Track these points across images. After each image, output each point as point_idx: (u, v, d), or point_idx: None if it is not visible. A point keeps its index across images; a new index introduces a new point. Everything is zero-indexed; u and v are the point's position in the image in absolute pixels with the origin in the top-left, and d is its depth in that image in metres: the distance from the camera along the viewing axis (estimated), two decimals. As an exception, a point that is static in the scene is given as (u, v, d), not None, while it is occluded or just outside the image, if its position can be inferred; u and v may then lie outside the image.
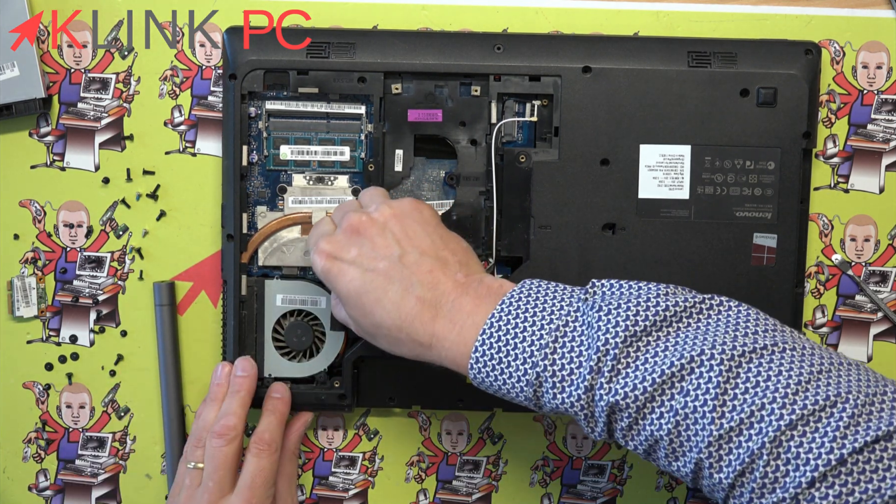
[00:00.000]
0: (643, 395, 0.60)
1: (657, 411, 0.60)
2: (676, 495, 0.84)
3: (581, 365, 0.62)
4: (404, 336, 0.67)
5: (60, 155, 0.82)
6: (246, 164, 0.79)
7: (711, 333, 0.61)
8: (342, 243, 0.69)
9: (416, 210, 0.71)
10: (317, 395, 0.80)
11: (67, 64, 0.81)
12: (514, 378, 0.63)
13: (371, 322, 0.68)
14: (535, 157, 0.78)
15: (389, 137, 0.79)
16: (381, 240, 0.69)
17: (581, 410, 0.62)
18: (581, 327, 0.63)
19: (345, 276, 0.68)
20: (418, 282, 0.67)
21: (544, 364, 0.62)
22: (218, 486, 0.74)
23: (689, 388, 0.59)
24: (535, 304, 0.65)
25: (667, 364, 0.60)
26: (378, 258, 0.68)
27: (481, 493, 0.84)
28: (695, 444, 0.59)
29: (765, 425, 0.57)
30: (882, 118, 0.81)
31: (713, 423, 0.58)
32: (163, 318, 0.82)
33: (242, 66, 0.77)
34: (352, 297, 0.68)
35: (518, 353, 0.63)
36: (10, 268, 0.82)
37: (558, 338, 0.63)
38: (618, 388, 0.60)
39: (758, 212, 0.78)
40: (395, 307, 0.67)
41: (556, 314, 0.64)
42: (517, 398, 0.64)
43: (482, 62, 0.77)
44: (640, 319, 0.62)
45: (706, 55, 0.77)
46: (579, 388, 0.61)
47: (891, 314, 0.81)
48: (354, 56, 0.77)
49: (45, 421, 0.84)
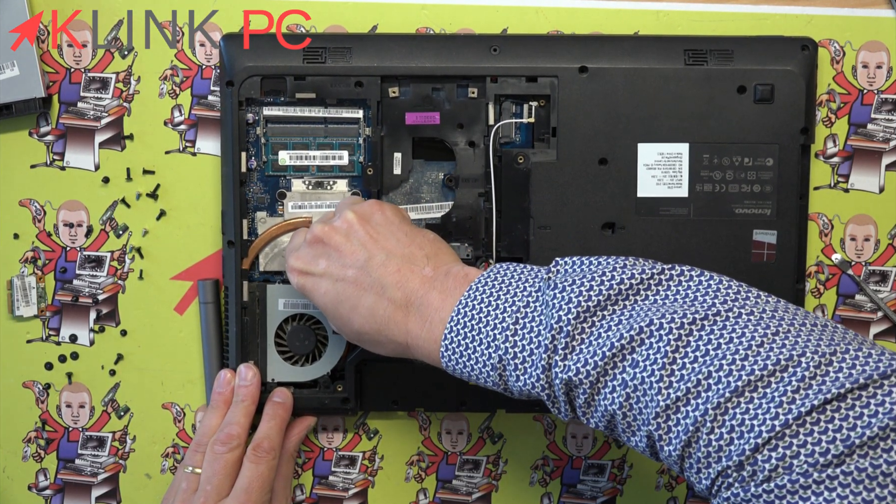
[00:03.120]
0: (594, 369, 0.59)
1: (609, 385, 0.59)
2: (676, 495, 0.84)
3: (539, 345, 0.61)
4: (384, 339, 0.68)
5: (60, 154, 0.82)
6: (245, 170, 0.79)
7: (668, 304, 0.60)
8: (309, 257, 0.70)
9: (379, 211, 0.72)
10: (320, 399, 0.80)
11: (67, 63, 0.81)
12: (481, 363, 0.64)
13: (352, 329, 0.69)
14: (533, 158, 0.78)
15: (387, 141, 0.79)
16: (347, 247, 0.69)
17: (543, 391, 0.61)
18: (540, 307, 0.63)
19: (318, 289, 0.70)
20: (388, 284, 0.68)
21: (505, 347, 0.63)
22: (215, 490, 0.75)
23: (638, 359, 0.58)
24: (500, 289, 0.65)
25: (616, 337, 0.59)
26: (346, 266, 0.69)
27: (481, 493, 0.84)
28: (645, 417, 0.58)
29: (711, 393, 0.55)
30: (882, 118, 0.81)
31: (660, 393, 0.57)
32: (207, 316, 0.82)
33: (240, 73, 0.78)
34: (329, 308, 0.70)
35: (482, 339, 0.64)
36: (10, 267, 0.83)
37: (518, 319, 0.63)
38: (570, 364, 0.60)
39: (757, 208, 0.78)
40: (370, 312, 0.68)
41: (519, 296, 0.64)
42: (487, 383, 0.65)
43: (479, 64, 0.77)
44: (593, 294, 0.61)
45: (702, 53, 0.77)
46: (538, 369, 0.61)
47: (891, 314, 0.81)
48: (351, 60, 0.77)
49: (44, 420, 0.84)
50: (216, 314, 0.81)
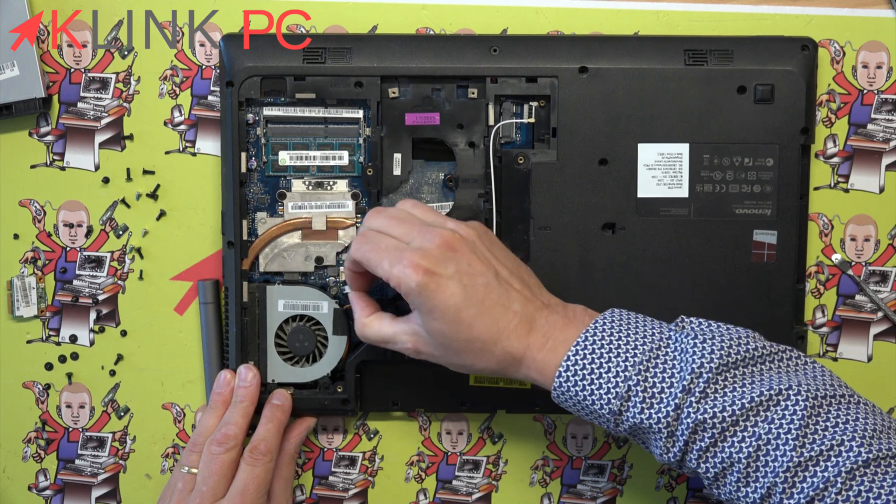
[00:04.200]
0: (730, 417, 0.64)
1: (739, 434, 0.64)
2: (676, 495, 0.84)
3: (673, 385, 0.65)
4: (498, 349, 0.69)
5: (60, 154, 0.82)
6: (245, 170, 0.79)
7: (796, 375, 0.66)
8: (439, 258, 0.68)
9: (491, 233, 0.75)
10: (320, 400, 0.80)
11: (67, 64, 0.81)
12: (604, 390, 0.66)
13: (467, 336, 0.68)
14: (533, 159, 0.78)
15: (387, 141, 0.79)
16: (474, 257, 0.69)
17: (665, 428, 0.65)
18: (674, 352, 0.66)
19: (445, 290, 0.68)
20: (514, 298, 0.69)
21: (637, 379, 0.66)
22: (211, 491, 0.75)
23: (774, 416, 0.63)
24: (627, 328, 0.68)
25: (756, 393, 0.64)
26: (476, 274, 0.69)
27: (481, 493, 0.84)
28: (771, 470, 0.63)
29: (843, 459, 0.61)
30: (882, 118, 0.81)
31: (794, 450, 0.62)
32: (207, 316, 0.82)
33: (239, 73, 0.78)
34: (450, 311, 0.68)
35: (611, 367, 0.66)
36: (10, 267, 0.83)
37: (651, 358, 0.66)
38: (706, 408, 0.64)
39: (757, 209, 0.78)
40: (495, 321, 0.68)
41: (649, 337, 0.68)
42: (599, 410, 0.67)
43: (478, 64, 0.77)
44: (732, 353, 0.65)
45: (702, 53, 0.77)
46: (668, 405, 0.65)
47: (891, 314, 0.81)
48: (351, 61, 0.77)
49: (44, 421, 0.84)
50: (216, 314, 0.81)
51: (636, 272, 0.78)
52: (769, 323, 0.78)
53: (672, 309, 0.77)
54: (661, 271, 0.78)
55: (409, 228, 0.71)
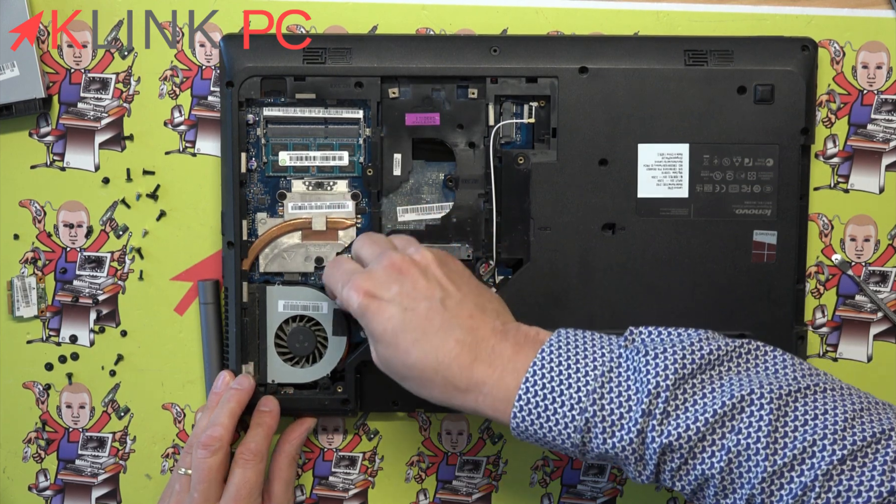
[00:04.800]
0: (696, 434, 0.61)
1: (708, 450, 0.61)
2: (676, 495, 0.84)
3: (631, 409, 0.63)
4: (439, 379, 0.66)
5: (60, 155, 0.82)
6: (245, 170, 0.79)
7: (756, 375, 0.63)
8: (381, 280, 0.68)
9: (454, 259, 0.73)
10: (320, 401, 0.80)
11: (67, 64, 0.81)
12: (561, 425, 0.64)
13: (404, 362, 0.67)
14: (533, 159, 0.78)
15: (388, 141, 0.79)
16: (423, 281, 0.68)
17: (632, 454, 0.63)
18: (626, 372, 0.64)
19: (383, 313, 0.67)
20: (458, 325, 0.67)
21: (593, 409, 0.63)
22: (203, 496, 0.74)
23: (740, 426, 0.61)
24: (577, 351, 0.66)
25: (718, 404, 0.61)
26: (419, 298, 0.67)
27: (481, 493, 0.84)
28: (747, 481, 0.61)
29: (817, 460, 0.59)
30: (882, 118, 0.81)
31: (767, 459, 0.60)
32: (207, 316, 0.82)
33: (239, 74, 0.78)
34: (387, 335, 0.67)
35: (565, 400, 0.64)
36: (10, 268, 0.83)
37: (604, 383, 0.64)
38: (670, 429, 0.62)
39: (757, 209, 0.78)
40: (434, 348, 0.66)
41: (599, 360, 0.65)
42: (562, 445, 0.64)
43: (478, 64, 0.77)
44: (686, 363, 0.63)
45: (702, 53, 0.77)
46: (630, 432, 0.62)
47: (891, 314, 0.81)
48: (351, 61, 0.77)
49: (45, 421, 0.84)
50: (216, 315, 0.81)
51: (636, 272, 0.78)
52: (769, 323, 0.78)
53: (672, 309, 0.77)
54: (661, 271, 0.78)
55: (374, 251, 0.71)
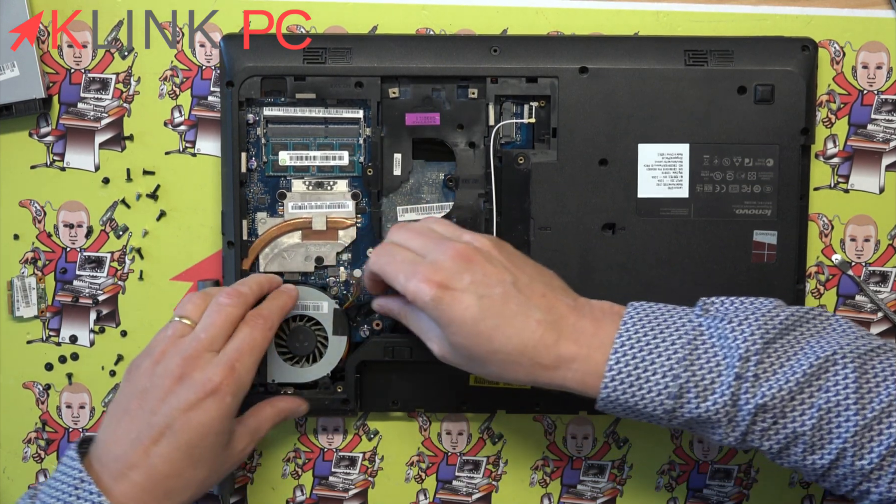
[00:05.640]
0: (787, 395, 0.64)
1: (799, 409, 0.64)
2: (676, 495, 0.84)
3: (721, 374, 0.65)
4: (525, 360, 0.67)
5: (60, 155, 0.82)
6: (245, 170, 0.79)
7: (829, 337, 0.67)
8: (452, 271, 0.67)
9: (506, 243, 0.73)
10: (320, 400, 0.80)
11: (67, 64, 0.81)
12: (654, 392, 0.66)
13: (488, 349, 0.67)
14: (533, 159, 0.78)
15: (388, 141, 0.79)
16: (490, 267, 0.68)
17: (724, 417, 0.65)
18: (711, 339, 0.66)
19: (460, 303, 0.66)
20: (535, 306, 0.67)
21: (686, 376, 0.65)
22: (209, 339, 0.71)
23: (828, 385, 0.64)
24: (658, 321, 0.68)
25: (805, 365, 0.65)
26: (492, 284, 0.67)
27: (481, 493, 0.84)
28: (837, 436, 0.64)
29: None
30: (882, 118, 0.81)
31: (857, 414, 0.64)
32: None
33: (239, 73, 0.78)
34: (467, 324, 0.66)
35: (656, 368, 0.66)
36: (10, 268, 0.83)
37: (692, 350, 0.66)
38: (763, 391, 0.64)
39: (757, 209, 0.78)
40: (517, 332, 0.66)
41: (683, 329, 0.67)
42: (651, 412, 0.66)
43: (479, 64, 0.77)
44: (769, 328, 0.66)
45: (703, 53, 0.77)
46: (724, 396, 0.65)
47: (891, 314, 0.81)
48: (351, 61, 0.77)
49: (45, 421, 0.84)
50: None
51: (636, 272, 0.78)
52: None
53: (672, 309, 0.77)
54: (661, 271, 0.78)
55: (426, 241, 0.70)
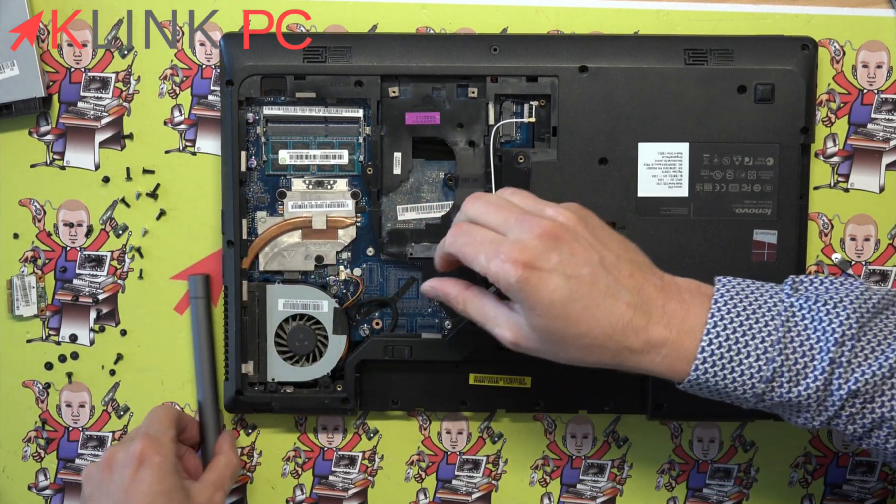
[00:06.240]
0: (879, 380, 0.63)
1: (888, 394, 0.64)
2: (676, 495, 0.84)
3: (815, 358, 0.64)
4: (613, 344, 0.64)
5: (60, 154, 0.82)
6: (245, 169, 0.79)
7: None
8: (538, 250, 0.64)
9: (593, 214, 0.69)
10: (320, 400, 0.80)
11: (67, 63, 0.81)
12: (746, 375, 0.64)
13: (575, 332, 0.64)
14: (533, 158, 0.78)
15: (388, 140, 0.79)
16: (577, 245, 0.65)
17: (815, 402, 0.64)
18: (804, 321, 0.65)
19: (547, 285, 0.63)
20: (623, 287, 0.65)
21: (780, 359, 0.64)
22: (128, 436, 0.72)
23: None
24: (749, 301, 0.66)
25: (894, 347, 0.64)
26: (580, 265, 0.64)
27: (481, 493, 0.84)
28: None
29: None
30: (882, 117, 0.81)
31: None
32: (198, 311, 0.81)
33: (239, 72, 0.78)
34: (555, 306, 0.63)
35: (750, 351, 0.64)
36: (10, 267, 0.83)
37: (785, 333, 0.65)
38: (857, 376, 0.63)
39: (757, 208, 0.78)
40: (606, 315, 0.64)
41: (775, 309, 0.66)
42: (741, 395, 0.65)
43: (479, 63, 0.77)
44: (863, 312, 0.65)
45: (703, 52, 0.77)
46: (817, 381, 0.64)
47: (891, 313, 0.81)
48: (351, 60, 0.77)
49: (44, 420, 0.84)
50: (206, 310, 0.81)
51: (636, 272, 0.78)
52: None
53: (672, 308, 0.77)
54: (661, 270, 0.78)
55: (507, 217, 0.67)
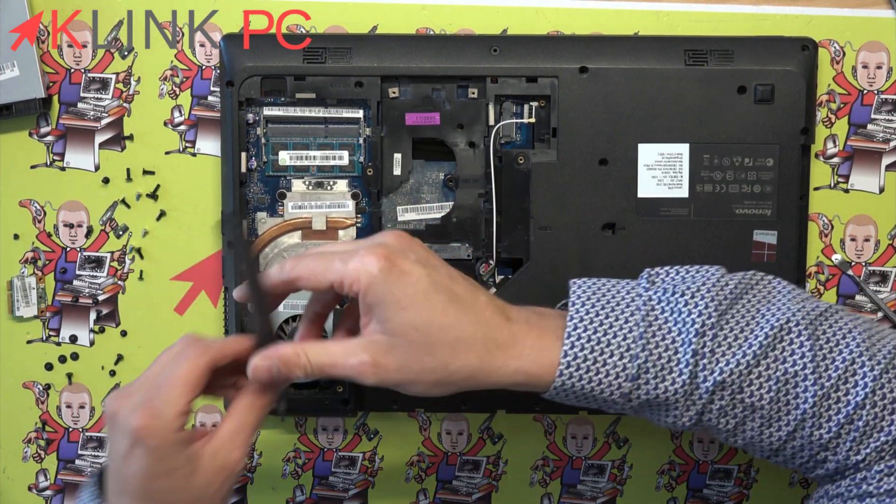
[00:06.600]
0: (745, 369, 0.62)
1: (756, 382, 0.62)
2: (676, 495, 0.84)
3: (678, 351, 0.62)
4: (480, 336, 0.62)
5: (60, 155, 0.82)
6: (245, 170, 0.79)
7: (780, 301, 0.65)
8: (396, 248, 0.63)
9: None
10: (320, 400, 0.80)
11: (67, 64, 0.81)
12: (612, 375, 0.62)
13: (441, 323, 0.62)
14: (533, 159, 0.78)
15: (388, 141, 0.79)
16: (429, 254, 0.64)
17: (682, 397, 0.62)
18: (664, 314, 0.63)
19: (411, 274, 0.61)
20: (479, 289, 0.64)
21: (644, 356, 0.62)
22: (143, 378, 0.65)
23: (784, 355, 0.63)
24: (607, 300, 0.64)
25: (761, 336, 0.63)
26: (436, 264, 0.63)
27: (481, 493, 0.84)
28: (795, 407, 0.62)
29: (859, 378, 0.62)
30: (882, 118, 0.81)
31: (815, 384, 0.62)
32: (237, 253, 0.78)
33: (239, 73, 0.78)
34: (418, 296, 0.61)
35: (613, 350, 0.62)
36: (10, 268, 0.83)
37: (647, 328, 0.63)
38: (721, 366, 0.62)
39: (757, 209, 0.78)
40: (469, 306, 0.62)
41: (633, 304, 0.64)
42: (608, 397, 0.63)
43: (479, 64, 0.77)
44: (720, 300, 0.64)
45: (703, 53, 0.77)
46: (682, 374, 0.62)
47: (891, 314, 0.81)
48: (351, 60, 0.77)
49: (44, 421, 0.84)
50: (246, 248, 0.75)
51: (636, 272, 0.77)
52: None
53: (672, 309, 0.77)
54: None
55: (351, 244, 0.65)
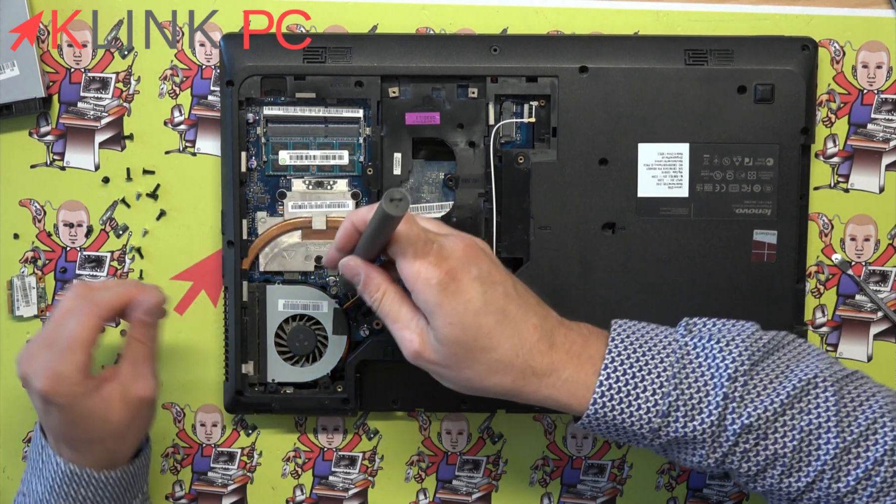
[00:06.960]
0: (772, 416, 0.65)
1: (781, 431, 0.65)
2: (676, 495, 0.84)
3: (709, 393, 0.65)
4: (519, 362, 0.66)
5: (60, 154, 0.82)
6: (245, 169, 0.79)
7: (810, 360, 0.68)
8: (462, 260, 0.65)
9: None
10: (320, 400, 0.80)
11: (67, 63, 0.81)
12: (643, 410, 0.66)
13: (484, 344, 0.65)
14: (533, 158, 0.78)
15: (388, 141, 0.79)
16: (493, 266, 0.67)
17: (709, 437, 0.65)
18: (698, 359, 0.66)
19: (465, 293, 0.64)
20: (532, 311, 0.67)
21: (675, 394, 0.65)
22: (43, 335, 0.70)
23: (809, 407, 0.65)
24: (645, 339, 0.68)
25: (789, 387, 0.65)
26: (496, 283, 0.66)
27: (481, 493, 0.84)
28: (816, 458, 0.65)
29: (880, 436, 0.64)
30: (882, 118, 0.81)
31: (837, 437, 0.65)
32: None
33: (239, 73, 0.78)
34: (468, 316, 0.64)
35: (647, 385, 0.66)
36: (10, 267, 0.83)
37: (681, 370, 0.66)
38: (749, 411, 0.65)
39: (757, 208, 0.78)
40: (516, 331, 0.65)
41: (670, 347, 0.67)
42: (638, 430, 0.66)
43: (479, 64, 0.77)
44: (754, 350, 0.66)
45: (703, 53, 0.77)
46: (711, 415, 0.65)
47: (891, 314, 0.81)
48: (351, 60, 0.77)
49: (45, 420, 0.84)
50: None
51: (636, 272, 0.78)
52: (769, 323, 0.77)
53: (672, 309, 0.77)
54: (661, 271, 0.78)
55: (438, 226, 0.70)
